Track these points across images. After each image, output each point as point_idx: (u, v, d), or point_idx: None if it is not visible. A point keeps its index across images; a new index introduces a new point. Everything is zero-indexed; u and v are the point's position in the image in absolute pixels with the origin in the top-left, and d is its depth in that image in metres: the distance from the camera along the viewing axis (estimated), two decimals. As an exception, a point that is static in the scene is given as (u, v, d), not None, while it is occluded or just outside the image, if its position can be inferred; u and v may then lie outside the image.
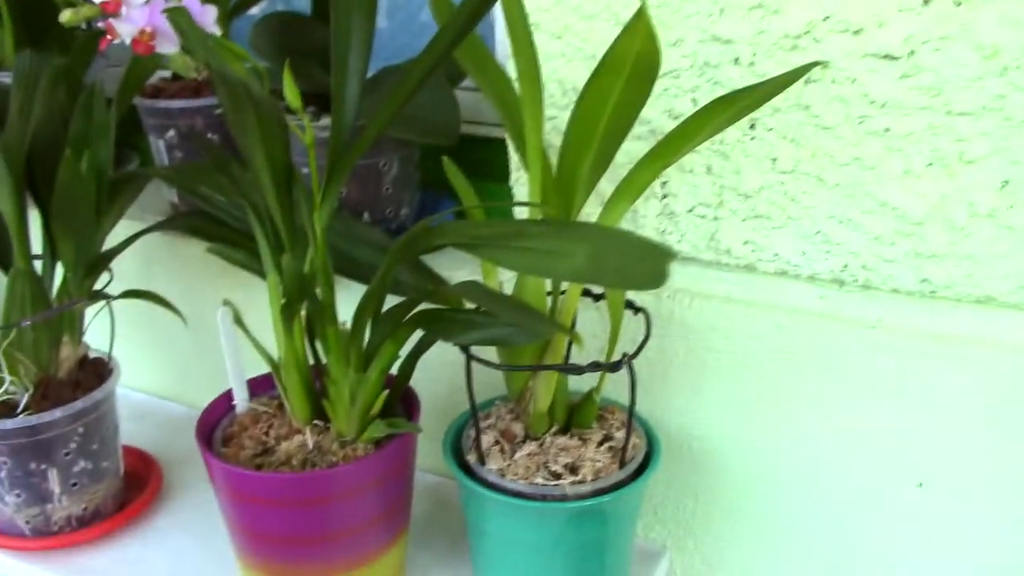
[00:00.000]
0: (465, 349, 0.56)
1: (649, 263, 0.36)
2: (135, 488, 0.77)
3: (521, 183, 0.66)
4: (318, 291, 0.56)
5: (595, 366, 0.53)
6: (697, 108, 0.58)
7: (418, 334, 0.58)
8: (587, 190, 0.56)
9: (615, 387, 0.61)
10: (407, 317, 0.54)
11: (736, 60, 0.56)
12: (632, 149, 0.61)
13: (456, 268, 0.68)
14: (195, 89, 0.79)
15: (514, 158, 0.65)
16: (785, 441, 0.63)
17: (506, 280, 0.64)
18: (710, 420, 0.65)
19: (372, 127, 0.57)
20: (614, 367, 0.53)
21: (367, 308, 0.52)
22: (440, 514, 0.75)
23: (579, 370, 0.53)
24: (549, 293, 0.57)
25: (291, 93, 0.50)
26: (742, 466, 0.65)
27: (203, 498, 0.77)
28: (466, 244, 0.40)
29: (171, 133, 0.78)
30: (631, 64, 0.48)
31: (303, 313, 0.58)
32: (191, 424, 0.92)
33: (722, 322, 0.61)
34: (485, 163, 0.72)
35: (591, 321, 0.66)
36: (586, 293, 0.60)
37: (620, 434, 0.61)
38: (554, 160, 0.54)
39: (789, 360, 0.60)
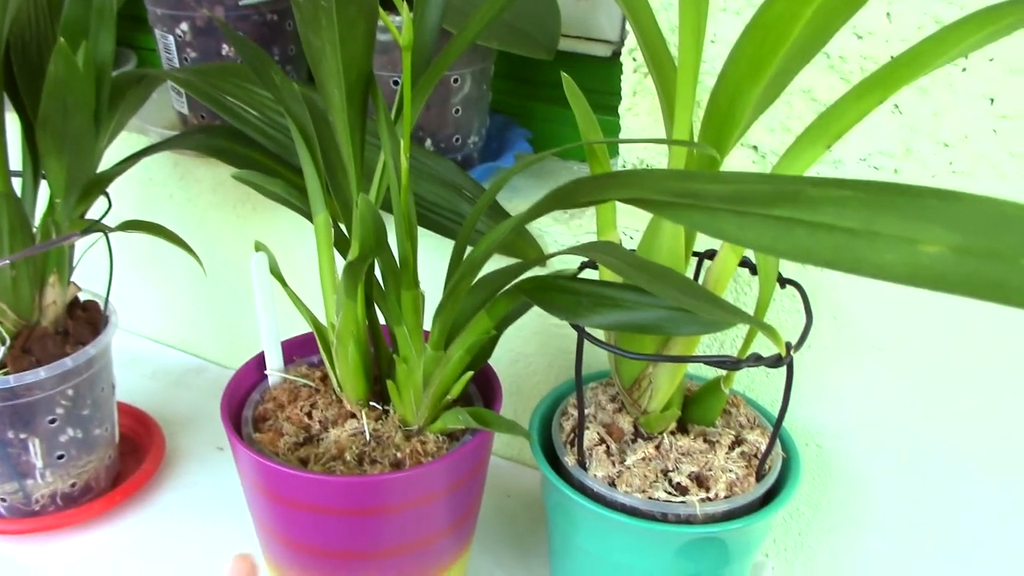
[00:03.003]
0: (578, 327, 0.44)
1: None
2: (132, 457, 0.65)
3: (635, 114, 0.52)
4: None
5: (756, 359, 0.41)
6: (892, 24, 0.45)
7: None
8: (745, 127, 0.43)
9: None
10: (509, 285, 0.41)
11: (961, -36, 0.43)
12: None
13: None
14: (215, -26, 0.64)
15: (629, 81, 0.52)
16: (948, 455, 0.51)
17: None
18: (849, 419, 0.53)
19: (467, 30, 0.44)
20: (777, 362, 0.41)
21: (469, 272, 0.39)
22: (501, 506, 0.63)
23: (736, 364, 0.41)
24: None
25: (383, -29, 0.36)
26: (884, 476, 0.54)
27: (213, 469, 0.65)
28: (670, 204, 0.26)
29: (184, 27, 0.63)
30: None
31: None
32: (196, 378, 0.80)
33: (888, 308, 0.49)
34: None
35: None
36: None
37: (753, 436, 0.49)
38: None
39: (973, 363, 0.48)
